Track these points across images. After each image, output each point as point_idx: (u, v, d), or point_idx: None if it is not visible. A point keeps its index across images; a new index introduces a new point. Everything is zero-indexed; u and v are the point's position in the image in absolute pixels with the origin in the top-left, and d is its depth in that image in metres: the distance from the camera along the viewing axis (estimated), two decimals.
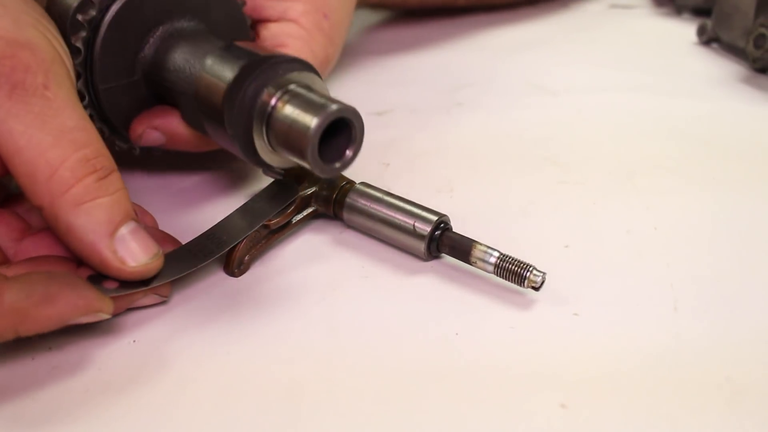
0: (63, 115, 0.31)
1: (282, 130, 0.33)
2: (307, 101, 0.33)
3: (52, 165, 0.31)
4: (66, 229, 0.31)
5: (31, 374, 0.32)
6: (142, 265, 0.33)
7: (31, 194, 0.31)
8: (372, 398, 0.31)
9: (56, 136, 0.31)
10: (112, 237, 0.32)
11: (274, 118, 0.33)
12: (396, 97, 0.58)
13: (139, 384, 0.32)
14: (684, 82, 0.62)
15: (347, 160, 0.34)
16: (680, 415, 0.30)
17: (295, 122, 0.32)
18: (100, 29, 0.37)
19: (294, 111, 0.32)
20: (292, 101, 0.33)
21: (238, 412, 0.30)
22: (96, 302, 0.31)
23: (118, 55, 0.39)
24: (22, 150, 0.31)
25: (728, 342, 0.33)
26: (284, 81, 0.33)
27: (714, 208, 0.43)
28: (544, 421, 0.30)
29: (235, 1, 0.43)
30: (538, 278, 0.35)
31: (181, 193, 0.45)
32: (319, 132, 0.32)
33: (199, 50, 0.38)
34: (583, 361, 0.33)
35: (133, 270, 0.32)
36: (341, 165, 0.34)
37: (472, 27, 0.74)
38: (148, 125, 0.40)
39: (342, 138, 0.34)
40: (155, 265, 0.33)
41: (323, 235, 0.41)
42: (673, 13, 0.78)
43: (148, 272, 0.33)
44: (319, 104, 0.32)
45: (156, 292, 0.35)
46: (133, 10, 0.38)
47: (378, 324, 0.35)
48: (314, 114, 0.32)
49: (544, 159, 0.49)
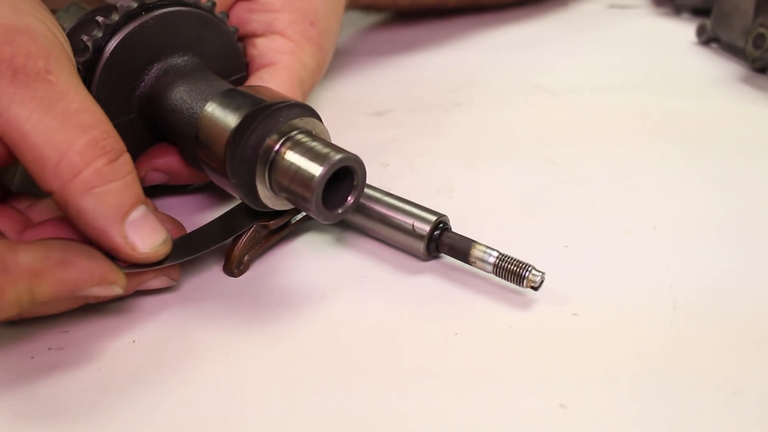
0: (67, 98, 0.31)
1: (286, 177, 0.33)
2: (311, 150, 0.33)
3: (60, 150, 0.30)
4: (76, 213, 0.31)
5: (31, 374, 0.32)
6: (153, 249, 0.33)
7: (40, 180, 0.31)
8: (372, 398, 0.31)
9: (62, 119, 0.31)
10: (123, 222, 0.32)
11: (278, 165, 0.34)
12: (396, 97, 0.58)
13: (139, 384, 0.32)
14: (683, 82, 0.62)
15: (349, 207, 0.35)
16: (679, 415, 0.30)
17: (300, 170, 0.33)
18: (95, 71, 0.38)
19: (298, 159, 0.33)
20: (295, 148, 0.33)
21: (238, 412, 0.30)
22: (111, 273, 0.31)
23: (113, 95, 0.39)
24: (29, 136, 0.30)
25: (727, 342, 0.34)
26: (286, 128, 0.34)
27: (713, 208, 0.43)
28: (544, 421, 0.30)
29: (227, 31, 0.43)
30: (537, 278, 0.35)
31: (175, 201, 0.45)
32: (323, 181, 0.32)
33: (196, 90, 0.38)
34: (582, 361, 0.33)
35: (144, 255, 0.33)
36: (343, 211, 0.35)
37: (471, 27, 0.74)
38: (149, 168, 0.41)
39: (343, 183, 0.34)
40: (164, 249, 0.33)
41: (323, 235, 0.41)
42: (672, 13, 0.78)
43: (157, 257, 0.33)
44: (323, 154, 0.33)
45: (166, 274, 0.35)
46: (128, 50, 0.38)
47: (377, 324, 0.35)
48: (319, 163, 0.32)
49: (543, 159, 0.49)
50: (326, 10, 0.50)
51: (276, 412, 0.30)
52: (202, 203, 0.44)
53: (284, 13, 0.47)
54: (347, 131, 0.53)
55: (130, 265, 0.33)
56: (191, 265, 0.39)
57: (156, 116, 0.39)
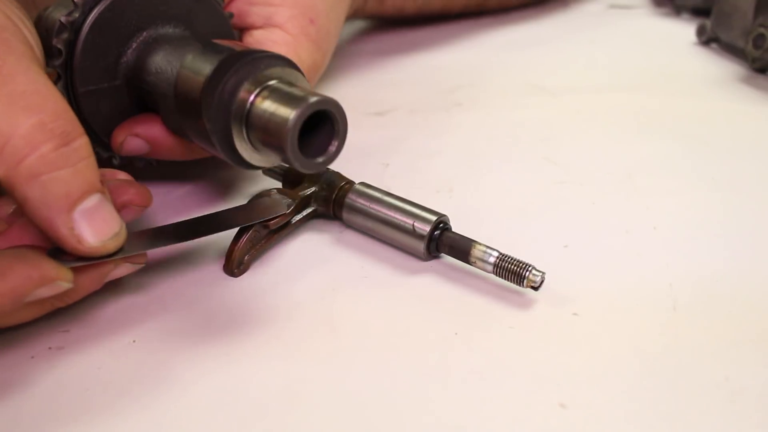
0: (14, 80, 0.30)
1: (260, 125, 0.32)
2: (287, 95, 0.32)
3: (3, 134, 0.28)
4: (23, 201, 0.29)
5: (30, 374, 0.32)
6: (102, 243, 0.30)
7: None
8: (372, 398, 0.31)
9: (6, 102, 0.29)
10: (71, 212, 0.29)
11: (252, 114, 0.32)
12: (396, 97, 0.58)
13: (139, 384, 0.32)
14: (683, 82, 0.62)
15: (330, 155, 0.33)
16: (679, 415, 0.30)
17: (274, 116, 0.31)
18: (81, 31, 0.37)
19: (272, 105, 0.31)
20: (271, 96, 0.32)
21: (238, 412, 0.30)
22: (51, 271, 0.29)
23: (99, 58, 0.38)
24: None
25: (727, 342, 0.34)
26: (264, 77, 0.33)
27: (713, 208, 0.44)
28: (544, 421, 0.30)
29: (221, 13, 0.42)
30: (538, 278, 0.35)
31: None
32: (298, 124, 0.30)
33: (180, 51, 0.37)
34: (582, 361, 0.33)
35: (91, 248, 0.30)
36: (324, 160, 0.32)
37: (471, 27, 0.74)
38: (129, 132, 0.39)
39: (325, 134, 0.33)
40: (115, 243, 0.31)
41: (323, 235, 0.41)
42: (672, 14, 0.78)
43: (106, 251, 0.31)
44: (299, 97, 0.31)
45: (129, 260, 0.33)
46: (116, 13, 0.38)
47: (377, 324, 0.35)
48: (293, 107, 0.31)
49: (543, 159, 0.49)
50: (327, 11, 0.50)
51: (276, 412, 0.30)
52: (199, 202, 0.44)
53: (285, 8, 0.47)
54: (347, 131, 0.53)
55: (77, 258, 0.31)
56: (191, 265, 0.39)
57: (141, 82, 0.39)
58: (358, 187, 0.41)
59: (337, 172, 0.42)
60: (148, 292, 0.37)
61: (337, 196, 0.41)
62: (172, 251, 0.40)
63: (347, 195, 0.40)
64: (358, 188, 0.41)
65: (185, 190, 0.46)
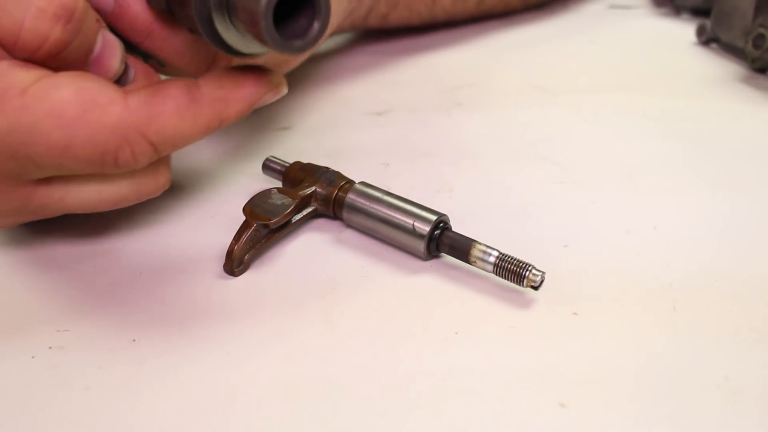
0: None
1: (238, 2, 0.30)
2: None
3: (10, 32, 0.31)
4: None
5: (31, 373, 0.32)
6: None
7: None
8: (372, 398, 0.31)
9: None
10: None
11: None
12: (396, 97, 0.58)
13: (139, 383, 0.32)
14: (683, 82, 0.62)
15: (312, 36, 0.31)
16: (679, 415, 0.30)
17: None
18: None
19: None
20: None
21: (238, 412, 0.30)
22: (274, 77, 0.34)
23: None
24: None
25: (727, 342, 0.34)
26: None
27: (713, 207, 0.44)
28: (544, 421, 0.30)
29: None
30: (538, 277, 0.35)
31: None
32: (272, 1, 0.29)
33: None
34: (582, 360, 0.33)
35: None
36: (304, 42, 0.31)
37: (471, 28, 0.74)
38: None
39: (307, 16, 0.31)
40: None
41: (323, 235, 0.41)
42: (672, 14, 0.78)
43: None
44: None
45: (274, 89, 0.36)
46: None
47: (378, 323, 0.35)
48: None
49: (544, 159, 0.49)
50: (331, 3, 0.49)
51: (276, 412, 0.30)
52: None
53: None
54: (347, 131, 0.53)
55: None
56: (191, 264, 0.39)
57: None
58: (358, 186, 0.41)
59: (337, 172, 0.42)
60: (148, 292, 0.37)
61: (337, 196, 0.41)
62: (171, 250, 0.40)
63: (347, 194, 0.40)
64: (359, 188, 0.41)
65: (184, 190, 0.46)
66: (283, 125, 0.53)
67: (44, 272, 0.38)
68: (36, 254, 0.40)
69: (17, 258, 0.39)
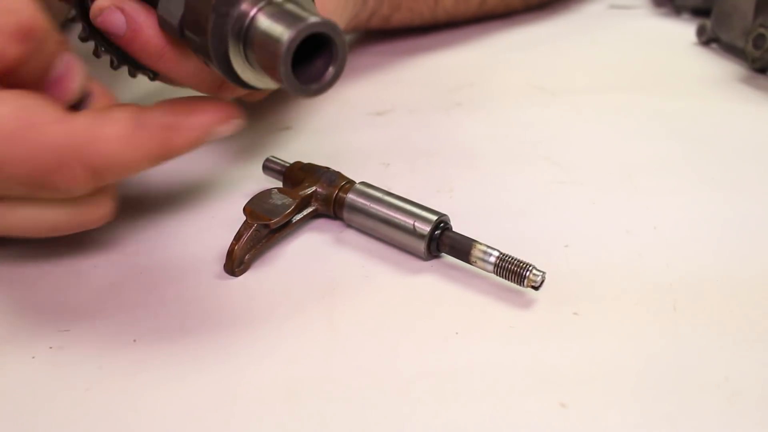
0: None
1: (257, 43, 0.31)
2: (286, 12, 0.30)
3: None
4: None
5: (31, 374, 0.32)
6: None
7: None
8: (372, 398, 0.31)
9: None
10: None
11: (251, 31, 0.31)
12: (396, 97, 0.58)
13: (139, 383, 0.32)
14: (683, 82, 0.62)
15: (327, 80, 0.31)
16: (679, 415, 0.30)
17: (269, 34, 0.30)
18: None
19: (270, 22, 0.30)
20: (270, 12, 0.30)
21: (239, 411, 0.30)
22: (230, 108, 0.32)
23: None
24: None
25: (727, 342, 0.34)
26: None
27: (713, 207, 0.44)
28: (544, 421, 0.30)
29: None
30: (538, 278, 0.35)
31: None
32: (294, 45, 0.29)
33: None
34: (582, 361, 0.33)
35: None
36: (320, 86, 0.31)
37: (471, 28, 0.73)
38: (115, 2, 0.36)
39: (324, 59, 0.31)
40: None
41: (323, 235, 0.41)
42: (672, 14, 0.78)
43: None
44: (298, 16, 0.30)
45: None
46: None
47: (378, 323, 0.35)
48: (289, 26, 0.29)
49: (544, 159, 0.49)
50: (333, 9, 0.49)
51: (276, 412, 0.30)
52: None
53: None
54: (347, 131, 0.53)
55: None
56: (191, 264, 0.39)
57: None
58: (358, 186, 0.41)
59: (337, 172, 0.42)
60: (149, 292, 0.37)
61: (338, 196, 0.41)
62: (171, 250, 0.40)
63: (348, 194, 0.40)
64: (359, 188, 0.41)
65: (184, 190, 0.46)
66: (283, 125, 0.53)
67: (44, 272, 0.38)
68: (36, 254, 0.40)
69: (17, 258, 0.39)
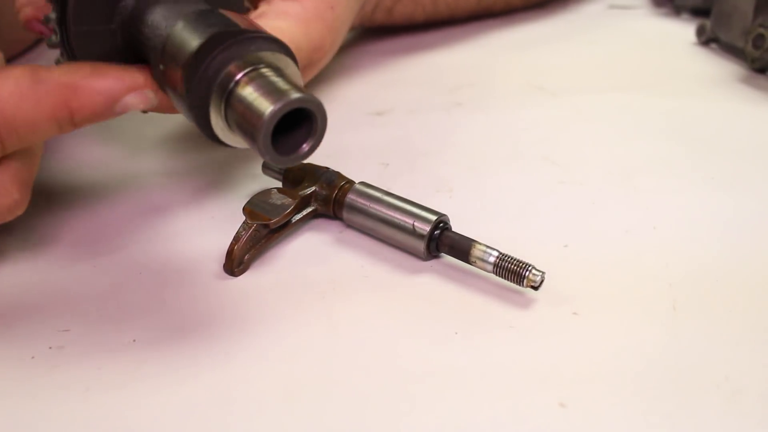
0: None
1: (238, 110, 0.31)
2: (271, 85, 0.31)
3: None
4: None
5: (31, 374, 0.32)
6: None
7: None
8: (372, 398, 0.31)
9: None
10: None
11: (233, 96, 0.31)
12: (396, 97, 0.58)
13: (139, 383, 0.32)
14: (683, 83, 0.62)
15: (302, 154, 0.32)
16: (679, 415, 0.30)
17: (252, 105, 0.30)
18: None
19: (254, 93, 0.30)
20: (255, 81, 0.31)
21: (238, 411, 0.30)
22: (141, 77, 0.31)
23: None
24: None
25: (727, 341, 0.34)
26: (255, 58, 0.31)
27: (713, 207, 0.44)
28: (544, 420, 0.30)
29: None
30: (538, 277, 0.35)
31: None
32: (274, 120, 0.30)
33: (178, 10, 0.35)
34: (582, 360, 0.33)
35: None
36: (294, 158, 0.32)
37: (471, 27, 0.73)
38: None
39: (304, 130, 0.32)
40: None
41: (323, 235, 0.41)
42: (672, 14, 0.78)
43: None
44: (282, 90, 0.30)
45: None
46: None
47: (377, 323, 0.35)
48: (273, 100, 0.30)
49: (543, 159, 0.49)
50: (346, 3, 0.49)
51: (276, 412, 0.30)
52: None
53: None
54: (347, 131, 0.53)
55: None
56: (191, 264, 0.39)
57: (136, 31, 0.36)
58: (358, 186, 0.41)
59: (337, 172, 0.42)
60: (148, 292, 0.37)
61: (337, 196, 0.41)
62: (171, 250, 0.40)
63: (347, 194, 0.40)
64: (359, 188, 0.41)
65: (184, 190, 0.46)
66: None
67: (44, 272, 0.38)
68: (36, 254, 0.40)
69: (17, 258, 0.39)
